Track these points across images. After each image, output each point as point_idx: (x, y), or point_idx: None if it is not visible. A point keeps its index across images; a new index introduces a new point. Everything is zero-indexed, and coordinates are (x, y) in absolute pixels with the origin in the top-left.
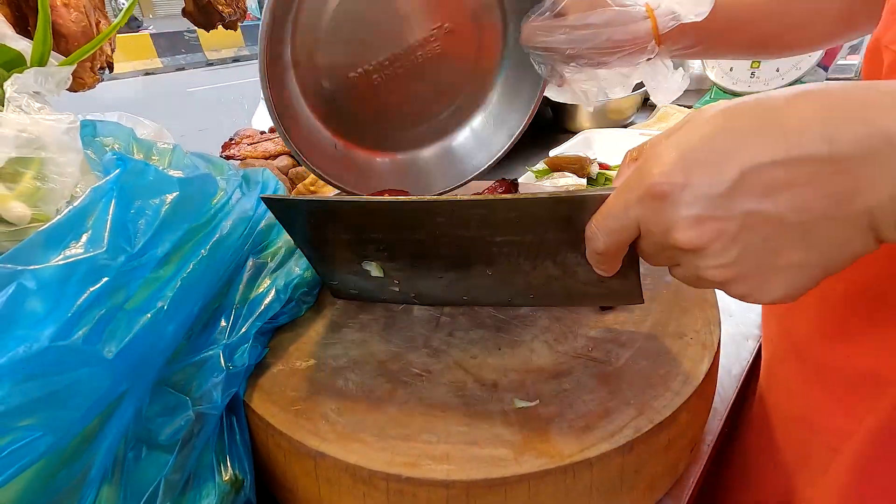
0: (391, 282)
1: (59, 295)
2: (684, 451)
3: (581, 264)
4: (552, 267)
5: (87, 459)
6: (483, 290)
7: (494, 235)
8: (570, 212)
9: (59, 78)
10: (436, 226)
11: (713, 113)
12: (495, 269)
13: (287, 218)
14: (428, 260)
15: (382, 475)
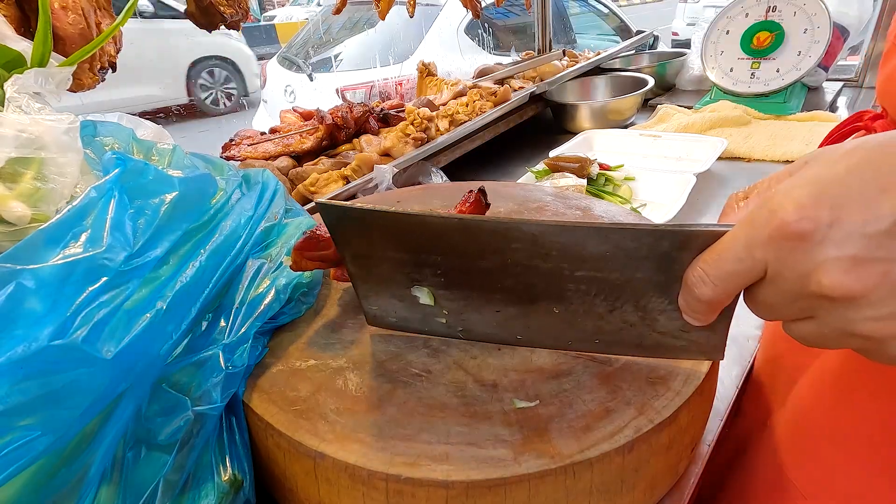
0: (440, 312)
1: (57, 294)
2: (685, 451)
3: (666, 311)
4: (631, 312)
5: (86, 459)
6: (542, 331)
7: (575, 269)
8: (671, 248)
9: (59, 79)
10: (510, 252)
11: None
12: (564, 309)
13: (340, 227)
14: (489, 292)
15: (382, 475)
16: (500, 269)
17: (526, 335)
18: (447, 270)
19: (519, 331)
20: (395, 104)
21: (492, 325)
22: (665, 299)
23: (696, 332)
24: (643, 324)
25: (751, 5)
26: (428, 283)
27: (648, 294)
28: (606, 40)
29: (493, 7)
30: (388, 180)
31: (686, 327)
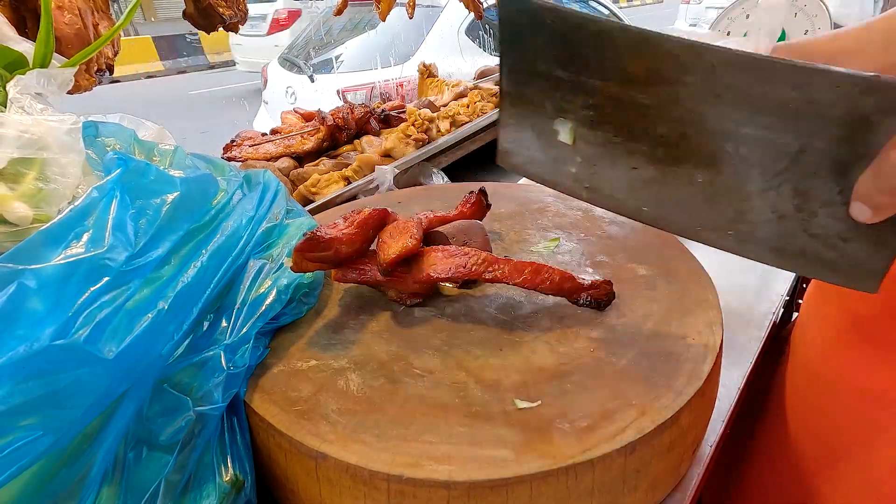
0: (573, 158)
1: (59, 294)
2: (687, 452)
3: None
4: (787, 198)
5: (88, 459)
6: (676, 205)
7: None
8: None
9: (61, 80)
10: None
11: None
12: (710, 179)
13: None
14: (634, 138)
15: (383, 476)
16: (659, 107)
17: (654, 208)
18: (600, 102)
19: (648, 201)
20: (396, 105)
21: (622, 186)
22: (837, 186)
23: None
24: (796, 217)
25: (752, 6)
26: (574, 116)
27: (819, 175)
28: None
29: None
30: (389, 181)
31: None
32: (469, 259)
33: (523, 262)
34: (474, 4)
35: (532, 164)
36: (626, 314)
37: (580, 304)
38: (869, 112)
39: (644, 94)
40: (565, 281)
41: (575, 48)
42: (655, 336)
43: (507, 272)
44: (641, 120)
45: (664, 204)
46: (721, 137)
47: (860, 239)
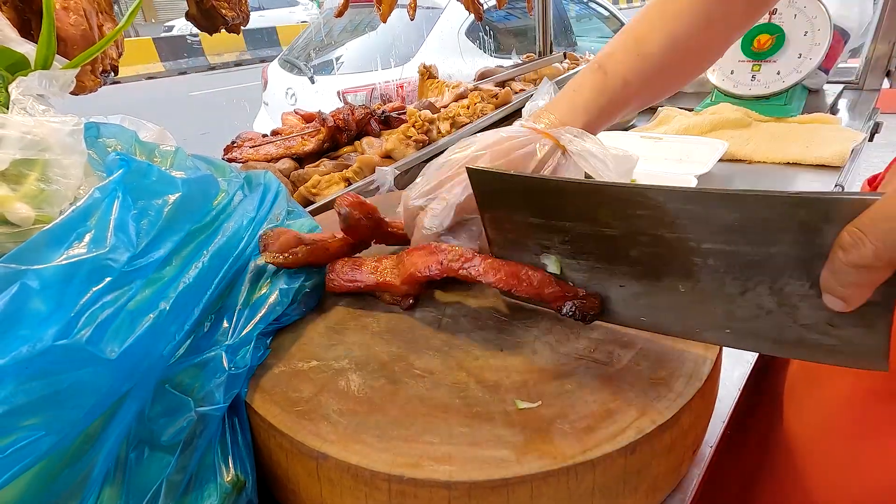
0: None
1: (61, 295)
2: (687, 453)
3: (807, 297)
4: (766, 296)
5: (90, 460)
6: (668, 313)
7: (703, 241)
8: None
9: (63, 81)
10: (635, 220)
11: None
12: (691, 287)
13: (484, 190)
14: (614, 262)
15: (384, 476)
16: (625, 237)
17: (650, 317)
18: (574, 237)
19: (643, 311)
20: (397, 106)
21: (617, 302)
22: (806, 282)
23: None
24: (781, 312)
25: None
26: (556, 251)
27: (786, 274)
28: None
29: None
30: (389, 182)
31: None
32: (445, 256)
33: (500, 261)
34: (474, 6)
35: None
36: None
37: (563, 313)
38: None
39: (608, 228)
40: (546, 285)
41: (540, 201)
42: (655, 336)
43: (482, 270)
44: (614, 248)
45: (659, 312)
46: (688, 253)
47: (849, 324)
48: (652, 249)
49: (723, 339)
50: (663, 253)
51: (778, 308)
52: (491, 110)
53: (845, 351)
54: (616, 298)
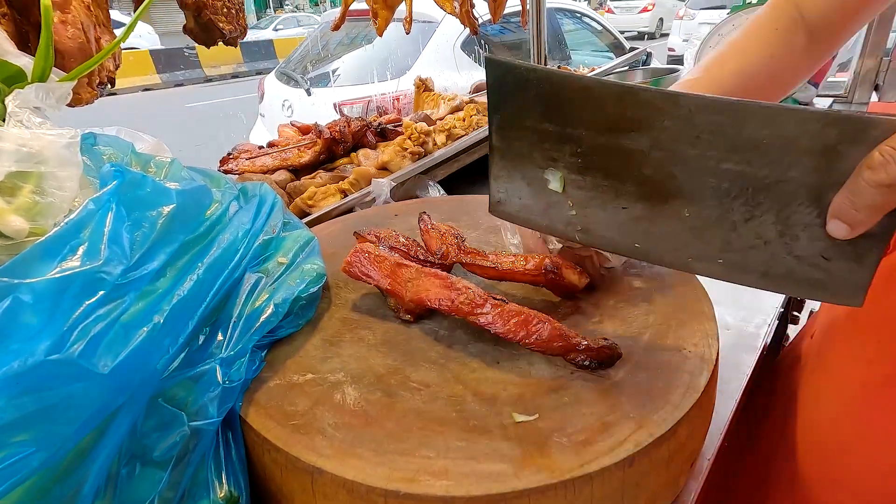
0: (565, 203)
1: (54, 308)
2: (685, 465)
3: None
4: (770, 224)
5: (81, 476)
6: (664, 241)
7: (723, 160)
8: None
9: (59, 93)
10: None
11: None
12: (696, 213)
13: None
14: (621, 181)
15: (380, 491)
16: (643, 152)
17: (645, 244)
18: (587, 150)
19: (639, 237)
20: (393, 119)
21: (614, 225)
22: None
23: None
24: (780, 241)
25: (742, 23)
26: (563, 165)
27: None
28: (601, 56)
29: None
30: (385, 194)
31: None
32: (459, 296)
33: (512, 309)
34: (470, 20)
35: (524, 211)
36: (623, 327)
37: (577, 364)
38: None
39: (628, 140)
40: (555, 339)
41: (560, 103)
42: (652, 348)
43: (492, 319)
44: (627, 163)
45: (655, 239)
46: (704, 174)
47: (841, 257)
48: (667, 168)
49: (711, 271)
50: (677, 173)
51: (778, 238)
52: (486, 123)
53: (829, 286)
54: (614, 223)
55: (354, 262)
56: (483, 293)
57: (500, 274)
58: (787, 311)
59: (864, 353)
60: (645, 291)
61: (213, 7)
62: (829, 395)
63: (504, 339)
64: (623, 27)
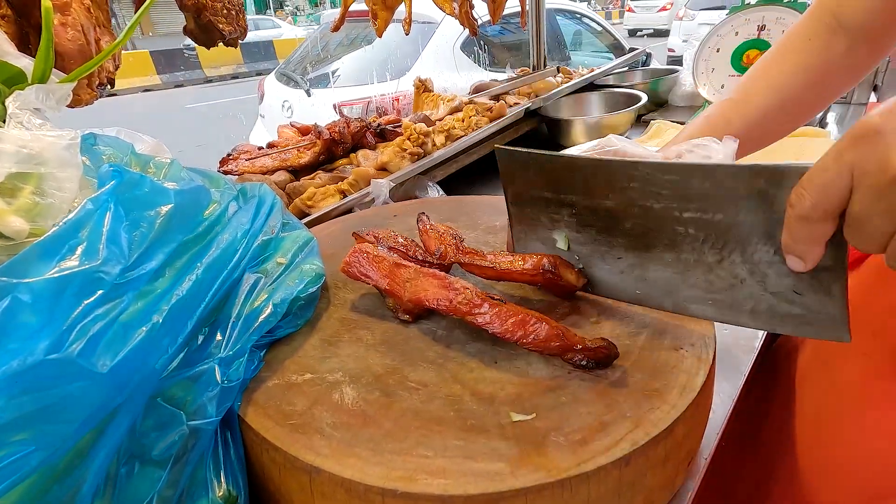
0: (573, 258)
1: (53, 308)
2: (682, 465)
3: (773, 263)
4: (739, 264)
5: (80, 475)
6: (659, 284)
7: (683, 210)
8: (767, 186)
9: (59, 95)
10: (629, 191)
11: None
12: (675, 258)
13: (508, 167)
14: (612, 234)
15: (378, 490)
16: (620, 208)
17: (644, 290)
18: (580, 211)
19: (638, 284)
20: (392, 119)
21: (615, 275)
22: (771, 247)
23: (811, 294)
24: (753, 279)
25: (741, 24)
26: (564, 224)
27: (754, 241)
28: (600, 57)
29: (488, 25)
30: (384, 194)
31: (798, 287)
32: (457, 296)
33: (510, 309)
34: (469, 21)
35: None
36: (620, 326)
37: (574, 363)
38: (765, 188)
39: (608, 200)
40: (553, 339)
41: (554, 175)
42: (649, 348)
43: (490, 319)
44: (612, 220)
45: (650, 285)
46: (672, 223)
47: (811, 290)
48: (642, 221)
49: (707, 313)
50: (651, 224)
51: (750, 276)
52: (485, 123)
53: (812, 321)
54: (615, 272)
55: (353, 263)
56: (481, 293)
57: (499, 274)
58: None
59: (859, 346)
60: None
61: (213, 8)
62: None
63: (502, 339)
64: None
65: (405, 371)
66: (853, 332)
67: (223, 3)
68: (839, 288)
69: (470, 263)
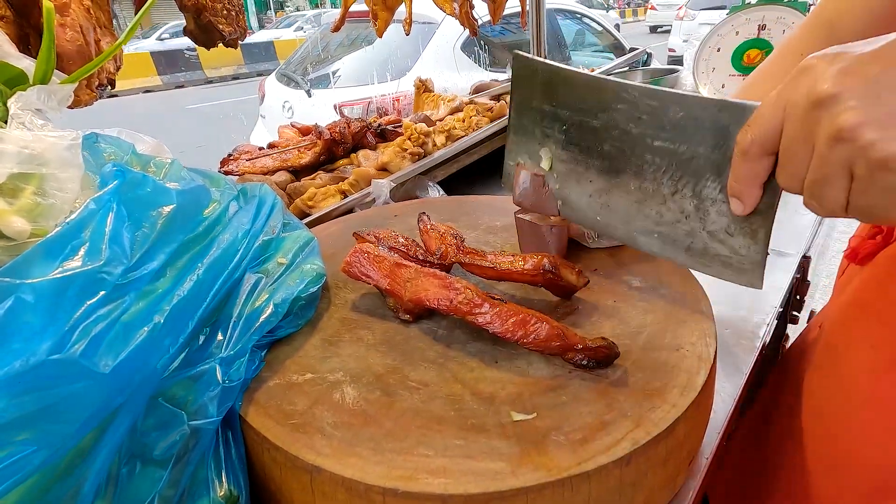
0: (552, 177)
1: (56, 308)
2: (682, 464)
3: (716, 202)
4: (689, 198)
5: (81, 475)
6: (618, 212)
7: (655, 138)
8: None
9: (61, 95)
10: (615, 112)
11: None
12: (639, 185)
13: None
14: (590, 156)
15: (379, 489)
16: (604, 128)
17: (604, 217)
18: (569, 127)
19: (600, 211)
20: (393, 119)
21: (583, 198)
22: (718, 185)
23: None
24: (696, 216)
25: (741, 24)
26: (553, 141)
27: (705, 175)
28: (600, 57)
29: (488, 25)
30: (385, 195)
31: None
32: (457, 295)
33: (511, 309)
34: (469, 21)
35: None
36: (621, 326)
37: (575, 363)
38: (726, 123)
39: (595, 119)
40: (553, 338)
41: (554, 89)
42: (650, 348)
43: (490, 318)
44: (594, 139)
45: (611, 213)
46: (643, 150)
47: (740, 232)
48: (619, 144)
49: (651, 246)
50: (626, 148)
51: (695, 212)
52: (486, 123)
53: (734, 263)
54: (584, 195)
55: (354, 263)
56: (481, 293)
57: (499, 274)
58: (787, 310)
59: (868, 339)
60: (643, 291)
61: (213, 9)
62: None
63: (502, 339)
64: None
65: (406, 371)
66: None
67: (223, 3)
68: (764, 233)
69: (470, 263)
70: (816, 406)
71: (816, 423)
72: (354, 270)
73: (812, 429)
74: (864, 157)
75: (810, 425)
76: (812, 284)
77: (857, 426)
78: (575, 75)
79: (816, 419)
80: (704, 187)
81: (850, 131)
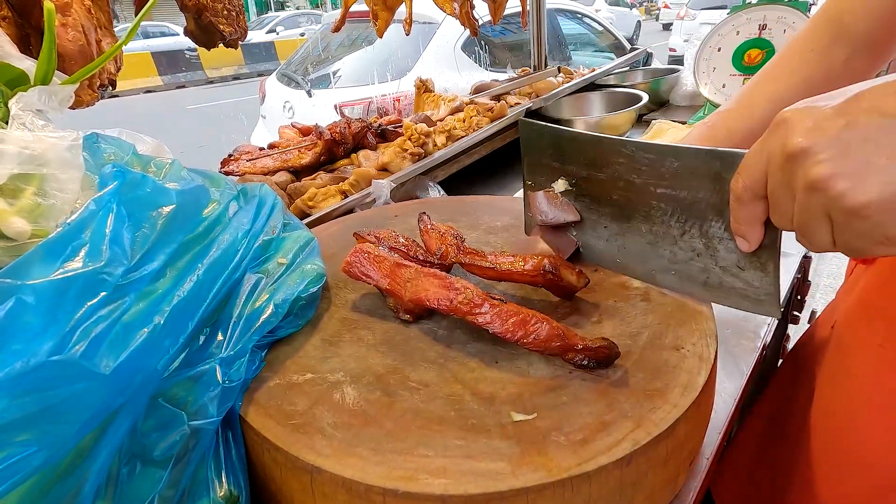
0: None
1: (56, 309)
2: (683, 465)
3: (723, 239)
4: (697, 238)
5: (81, 475)
6: (634, 253)
7: (657, 186)
8: (721, 168)
9: (62, 96)
10: (617, 166)
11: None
12: (650, 228)
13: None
14: (601, 204)
15: (379, 490)
16: (609, 181)
17: (622, 258)
18: (578, 181)
19: (618, 252)
20: (393, 120)
21: (601, 242)
22: (722, 224)
23: (750, 270)
24: (708, 254)
25: (742, 23)
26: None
27: (709, 217)
28: (601, 57)
29: (489, 25)
30: (385, 195)
31: (742, 263)
32: (457, 295)
33: (511, 309)
34: (470, 22)
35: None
36: (621, 326)
37: (575, 363)
38: (719, 170)
39: (599, 173)
40: (553, 339)
41: (560, 148)
42: (650, 348)
43: (490, 318)
44: (602, 191)
45: (628, 254)
46: (648, 197)
47: (751, 266)
48: (625, 193)
49: (670, 283)
50: (632, 197)
51: (705, 250)
52: (486, 123)
53: (750, 295)
54: (602, 239)
55: (354, 263)
56: (482, 293)
57: (499, 274)
58: (787, 310)
59: (875, 338)
60: (643, 291)
61: (214, 9)
62: (844, 380)
63: (503, 339)
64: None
65: (406, 371)
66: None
67: (223, 3)
68: (773, 266)
69: (471, 264)
70: (825, 405)
71: (825, 422)
72: (355, 270)
73: (821, 427)
74: (838, 206)
75: (819, 424)
76: (813, 284)
77: (865, 424)
78: (577, 135)
79: (825, 417)
80: (710, 227)
81: (822, 182)
